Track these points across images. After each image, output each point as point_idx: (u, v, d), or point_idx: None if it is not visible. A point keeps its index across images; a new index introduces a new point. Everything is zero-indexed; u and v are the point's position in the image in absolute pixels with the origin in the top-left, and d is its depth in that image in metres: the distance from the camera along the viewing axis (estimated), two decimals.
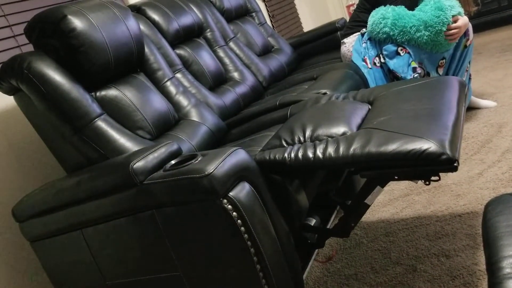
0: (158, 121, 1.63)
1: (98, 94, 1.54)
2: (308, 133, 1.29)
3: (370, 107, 1.43)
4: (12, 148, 1.69)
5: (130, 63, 1.67)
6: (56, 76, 1.42)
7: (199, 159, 1.13)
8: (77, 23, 1.46)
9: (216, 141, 1.76)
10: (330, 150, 1.17)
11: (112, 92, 1.57)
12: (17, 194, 1.67)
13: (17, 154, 1.70)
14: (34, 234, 1.44)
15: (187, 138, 1.63)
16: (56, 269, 1.46)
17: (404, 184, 1.97)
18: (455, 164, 1.02)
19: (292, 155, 1.22)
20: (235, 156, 1.14)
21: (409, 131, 1.11)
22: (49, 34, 1.45)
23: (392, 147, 1.08)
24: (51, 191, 1.35)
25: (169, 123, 1.68)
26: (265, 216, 1.15)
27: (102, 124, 1.45)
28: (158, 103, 1.66)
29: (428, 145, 1.04)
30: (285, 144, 1.29)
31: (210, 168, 1.07)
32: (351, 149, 1.13)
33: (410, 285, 1.40)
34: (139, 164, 1.16)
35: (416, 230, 1.64)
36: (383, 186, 1.23)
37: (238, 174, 1.12)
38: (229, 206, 1.07)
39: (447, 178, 1.89)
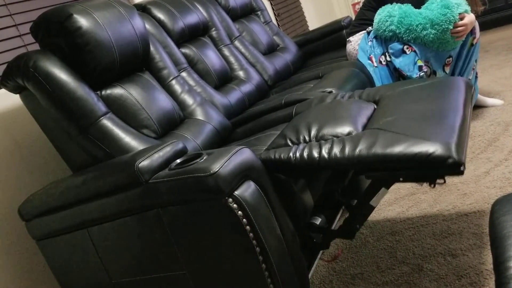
0: (163, 119, 1.63)
1: (103, 92, 1.54)
2: (313, 132, 1.28)
3: (375, 106, 1.42)
4: (18, 147, 1.69)
5: (135, 62, 1.67)
6: (61, 74, 1.43)
7: (204, 158, 1.13)
8: (82, 22, 1.46)
9: (221, 139, 1.76)
10: (336, 150, 1.16)
11: (117, 91, 1.57)
12: (23, 193, 1.68)
13: (23, 152, 1.71)
14: (40, 233, 1.44)
15: (192, 137, 1.63)
16: (62, 268, 1.47)
17: (410, 183, 1.96)
18: (462, 168, 1.01)
19: (297, 154, 1.21)
20: (240, 155, 1.13)
21: (416, 133, 1.11)
22: (55, 33, 1.46)
23: (398, 149, 1.07)
24: (57, 190, 1.36)
25: (174, 122, 1.68)
26: (271, 215, 1.15)
27: (107, 122, 1.45)
28: (163, 101, 1.67)
29: (434, 148, 1.04)
30: (290, 144, 1.29)
31: (216, 167, 1.06)
32: (357, 150, 1.13)
33: (416, 285, 1.39)
34: (144, 163, 1.16)
35: (422, 229, 1.63)
36: (388, 187, 1.23)
37: (243, 173, 1.12)
38: (234, 205, 1.07)
39: (453, 176, 1.88)
